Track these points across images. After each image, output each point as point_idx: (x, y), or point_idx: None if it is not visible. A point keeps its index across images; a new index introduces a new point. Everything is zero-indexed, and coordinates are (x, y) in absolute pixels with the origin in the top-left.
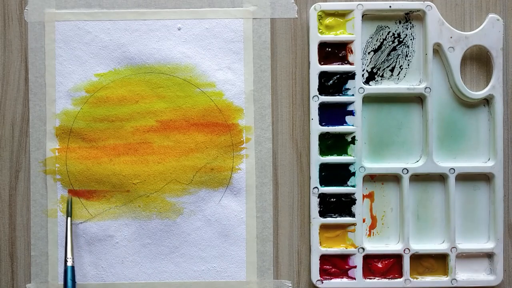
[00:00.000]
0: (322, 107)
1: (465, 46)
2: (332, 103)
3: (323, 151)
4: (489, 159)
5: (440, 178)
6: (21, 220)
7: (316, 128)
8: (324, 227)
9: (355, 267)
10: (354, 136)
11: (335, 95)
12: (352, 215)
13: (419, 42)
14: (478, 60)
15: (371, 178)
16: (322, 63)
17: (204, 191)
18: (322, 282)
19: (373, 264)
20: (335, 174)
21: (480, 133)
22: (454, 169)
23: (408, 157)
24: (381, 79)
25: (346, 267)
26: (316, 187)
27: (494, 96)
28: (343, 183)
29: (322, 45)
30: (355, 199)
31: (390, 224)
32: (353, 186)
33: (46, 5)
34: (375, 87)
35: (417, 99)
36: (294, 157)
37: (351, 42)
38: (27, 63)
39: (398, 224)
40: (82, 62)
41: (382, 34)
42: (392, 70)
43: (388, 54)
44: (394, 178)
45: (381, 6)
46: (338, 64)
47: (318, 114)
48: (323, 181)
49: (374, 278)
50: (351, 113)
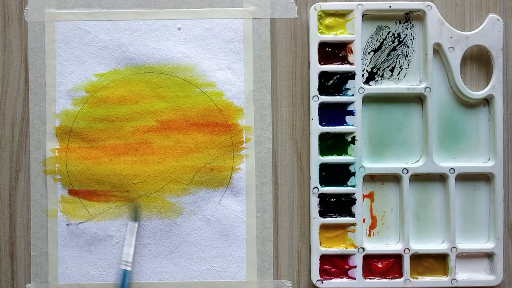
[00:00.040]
0: (322, 107)
1: (465, 46)
2: (332, 103)
3: (323, 151)
4: (489, 159)
5: (440, 178)
6: (21, 220)
7: (316, 128)
8: (324, 227)
9: (355, 267)
10: (354, 136)
11: (335, 95)
12: (352, 215)
13: (419, 42)
14: (478, 60)
15: (371, 178)
16: (322, 63)
17: (204, 191)
18: (322, 282)
19: (373, 264)
20: (335, 174)
21: (480, 133)
22: (454, 169)
23: (408, 157)
24: (381, 79)
25: (346, 267)
26: (316, 187)
27: (494, 96)
28: (343, 183)
29: (322, 45)
30: (355, 199)
31: (390, 224)
32: (353, 186)
33: (46, 5)
34: (375, 87)
35: (417, 99)
36: (294, 157)
37: (351, 42)
38: (27, 63)
39: (398, 224)
40: (82, 62)
41: (382, 34)
42: (392, 70)
43: (388, 54)
44: (394, 178)
45: (381, 6)
46: (338, 64)
47: (318, 114)
48: (323, 181)
49: (374, 278)
50: (351, 113)
